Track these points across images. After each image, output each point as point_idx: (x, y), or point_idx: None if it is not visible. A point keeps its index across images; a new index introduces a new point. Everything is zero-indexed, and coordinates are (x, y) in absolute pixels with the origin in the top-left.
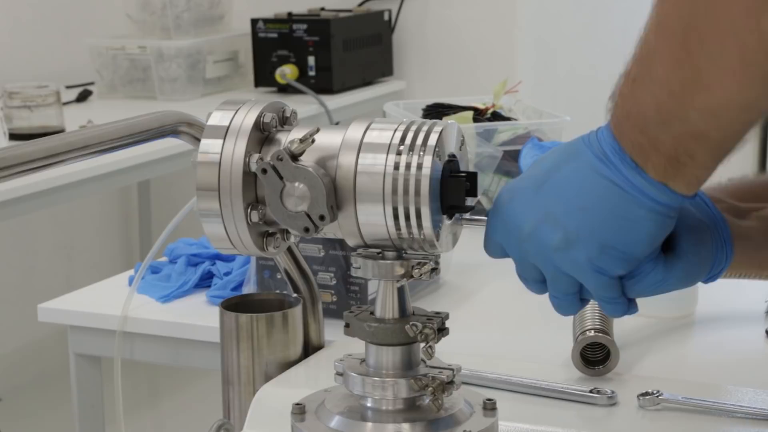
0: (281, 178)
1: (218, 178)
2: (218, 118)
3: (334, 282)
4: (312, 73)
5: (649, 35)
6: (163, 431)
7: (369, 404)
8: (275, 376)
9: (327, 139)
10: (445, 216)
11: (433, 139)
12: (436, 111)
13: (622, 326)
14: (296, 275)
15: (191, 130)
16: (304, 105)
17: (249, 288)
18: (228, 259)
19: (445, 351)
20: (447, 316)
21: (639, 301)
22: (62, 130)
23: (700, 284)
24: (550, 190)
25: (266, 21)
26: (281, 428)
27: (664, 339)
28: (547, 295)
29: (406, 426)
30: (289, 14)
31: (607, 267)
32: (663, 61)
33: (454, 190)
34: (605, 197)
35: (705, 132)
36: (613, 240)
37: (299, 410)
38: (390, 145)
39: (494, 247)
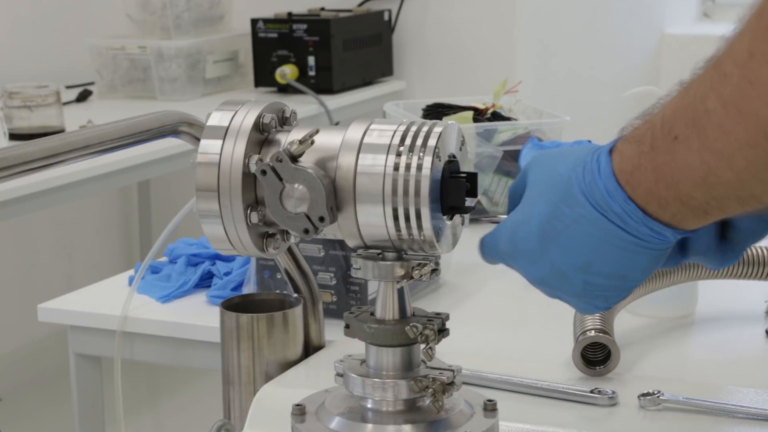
0: (281, 179)
1: (218, 179)
2: (218, 119)
3: (334, 282)
4: (312, 73)
5: (707, 102)
6: (163, 431)
7: (369, 405)
8: (275, 376)
9: (327, 139)
10: (445, 217)
11: (433, 140)
12: (436, 111)
13: (623, 326)
14: (296, 275)
15: (191, 130)
16: (304, 105)
17: (249, 288)
18: (228, 259)
19: (446, 351)
20: (447, 317)
21: (640, 301)
22: (62, 130)
23: (700, 284)
24: (553, 245)
25: (266, 21)
26: (282, 428)
27: (665, 339)
28: (547, 295)
29: (406, 427)
30: (289, 14)
31: (609, 302)
32: (729, 138)
33: (454, 190)
34: (608, 252)
35: (758, 196)
36: (616, 285)
37: (299, 411)
38: (390, 145)
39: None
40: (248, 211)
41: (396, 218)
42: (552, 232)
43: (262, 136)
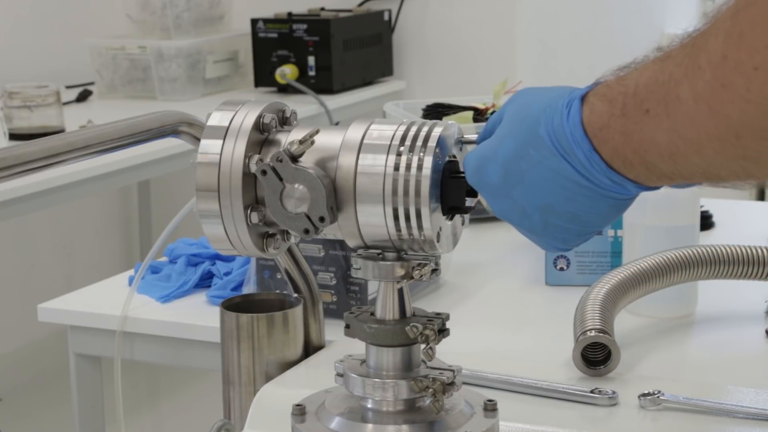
0: (281, 179)
1: (218, 179)
2: (218, 119)
3: (334, 282)
4: (312, 73)
5: (680, 89)
6: (162, 431)
7: (369, 405)
8: (276, 376)
9: (327, 139)
10: (445, 217)
11: (433, 140)
12: (436, 111)
13: (623, 326)
14: (296, 275)
15: (191, 130)
16: (304, 105)
17: (249, 288)
18: (228, 259)
19: (446, 351)
20: (447, 317)
21: (640, 301)
22: (62, 130)
23: (700, 284)
24: (516, 183)
25: (266, 21)
26: (282, 428)
27: (665, 339)
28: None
29: (406, 427)
30: (289, 14)
31: (568, 244)
32: (699, 129)
33: (454, 190)
34: (568, 196)
35: (724, 178)
36: (575, 228)
37: (299, 411)
38: (390, 145)
39: None
40: (248, 211)
41: (396, 218)
42: (516, 171)
43: (262, 136)
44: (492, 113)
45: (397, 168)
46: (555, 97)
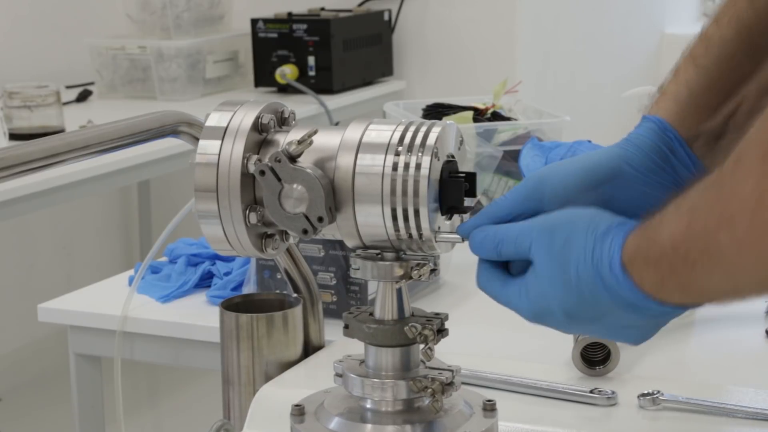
0: (279, 179)
1: (216, 180)
2: (216, 119)
3: (334, 282)
4: (312, 73)
5: (717, 233)
6: (162, 431)
7: (368, 405)
8: (275, 376)
9: (325, 140)
10: (444, 217)
11: (431, 140)
12: (436, 111)
13: None
14: (296, 275)
15: (191, 130)
16: (304, 105)
17: (249, 288)
18: (228, 259)
19: (445, 351)
20: (446, 317)
21: None
22: (62, 130)
23: None
24: (580, 325)
25: (266, 21)
26: (281, 428)
27: (664, 339)
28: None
29: (405, 427)
30: (289, 14)
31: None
32: (748, 277)
33: (453, 190)
34: (644, 326)
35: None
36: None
37: (298, 411)
38: (388, 145)
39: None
40: (247, 212)
41: (395, 218)
42: (580, 317)
43: (260, 136)
44: (492, 113)
45: (395, 168)
46: (587, 248)
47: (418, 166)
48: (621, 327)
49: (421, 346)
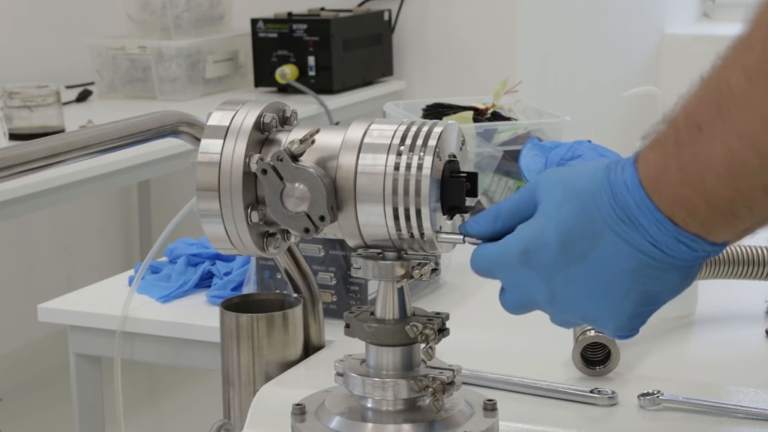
0: (281, 178)
1: (218, 179)
2: (218, 119)
3: (334, 282)
4: (312, 73)
5: (731, 79)
6: (163, 431)
7: (369, 405)
8: (275, 376)
9: (327, 139)
10: (445, 216)
11: (433, 140)
12: (436, 111)
13: None
14: (296, 275)
15: (191, 130)
16: (304, 105)
17: (249, 288)
18: (228, 259)
19: (445, 351)
20: (447, 317)
21: None
22: (62, 130)
23: (700, 284)
24: (580, 267)
25: (266, 21)
26: (281, 428)
27: (665, 339)
28: (555, 320)
29: (406, 427)
30: (289, 14)
31: (636, 321)
32: (754, 112)
33: (454, 190)
34: (638, 272)
35: None
36: (644, 310)
37: (299, 411)
38: (390, 145)
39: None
40: (249, 211)
41: (396, 218)
42: (574, 246)
43: (262, 135)
44: (492, 113)
45: (397, 168)
46: (598, 169)
47: (419, 166)
48: (608, 273)
49: (422, 345)
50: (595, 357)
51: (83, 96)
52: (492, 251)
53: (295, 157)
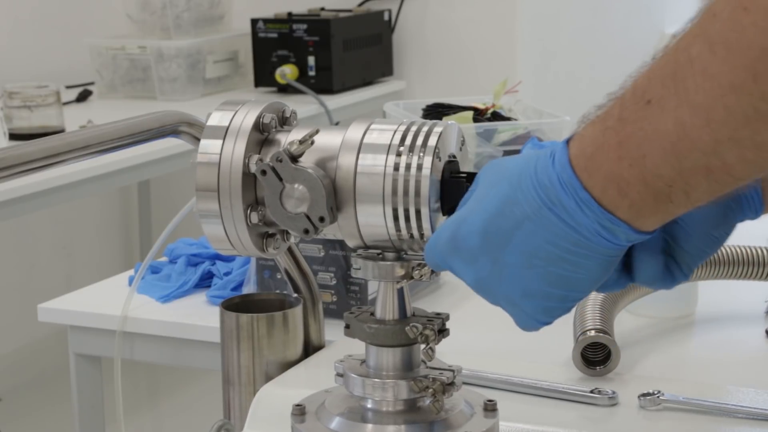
0: (281, 179)
1: (218, 179)
2: (218, 119)
3: (334, 282)
4: (312, 73)
5: (691, 48)
6: (163, 431)
7: (369, 405)
8: (275, 376)
9: (327, 139)
10: (445, 217)
11: (433, 140)
12: (436, 111)
13: (623, 326)
14: (296, 275)
15: (191, 130)
16: (304, 105)
17: (249, 288)
18: (228, 259)
19: (445, 351)
20: (447, 317)
21: (640, 301)
22: (62, 130)
23: (700, 284)
24: (496, 244)
25: (266, 21)
26: (282, 429)
27: (665, 339)
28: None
29: (406, 428)
30: (289, 14)
31: (549, 314)
32: (712, 82)
33: (454, 191)
34: (554, 255)
35: (731, 167)
36: (558, 294)
37: (299, 411)
38: (390, 145)
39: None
40: (248, 211)
41: (396, 218)
42: (497, 232)
43: (262, 136)
44: (492, 113)
45: (396, 168)
46: (534, 153)
47: (419, 167)
48: (528, 257)
49: (422, 346)
50: (595, 357)
51: (83, 96)
52: (431, 243)
53: (294, 158)
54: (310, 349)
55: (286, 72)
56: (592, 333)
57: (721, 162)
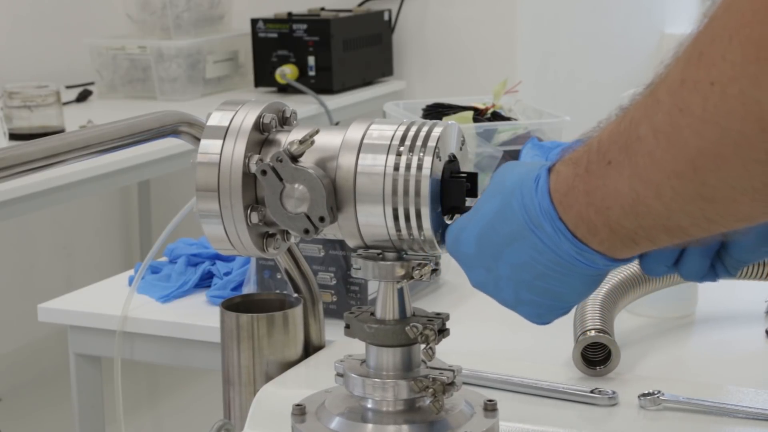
0: (281, 179)
1: (218, 179)
2: (218, 119)
3: (334, 282)
4: (312, 73)
5: (639, 128)
6: (163, 431)
7: (369, 405)
8: (276, 376)
9: (327, 139)
10: (445, 217)
11: (433, 140)
12: (436, 111)
13: (623, 326)
14: (296, 275)
15: (191, 130)
16: (304, 105)
17: (249, 288)
18: (228, 259)
19: (446, 351)
20: (447, 317)
21: (640, 301)
22: (62, 130)
23: (700, 284)
24: (488, 255)
25: (266, 21)
26: (282, 428)
27: (665, 339)
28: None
29: (406, 427)
30: (289, 14)
31: (542, 319)
32: (658, 166)
33: (454, 191)
34: (539, 271)
35: (685, 229)
36: (548, 303)
37: (299, 411)
38: (390, 145)
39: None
40: (248, 211)
41: (396, 218)
42: (489, 244)
43: (262, 136)
44: (492, 113)
45: (397, 168)
46: (528, 170)
47: (419, 167)
48: (519, 270)
49: (422, 346)
50: (595, 357)
51: (83, 96)
52: (449, 236)
53: (294, 158)
54: (310, 349)
55: (286, 72)
56: (592, 333)
57: (676, 225)
